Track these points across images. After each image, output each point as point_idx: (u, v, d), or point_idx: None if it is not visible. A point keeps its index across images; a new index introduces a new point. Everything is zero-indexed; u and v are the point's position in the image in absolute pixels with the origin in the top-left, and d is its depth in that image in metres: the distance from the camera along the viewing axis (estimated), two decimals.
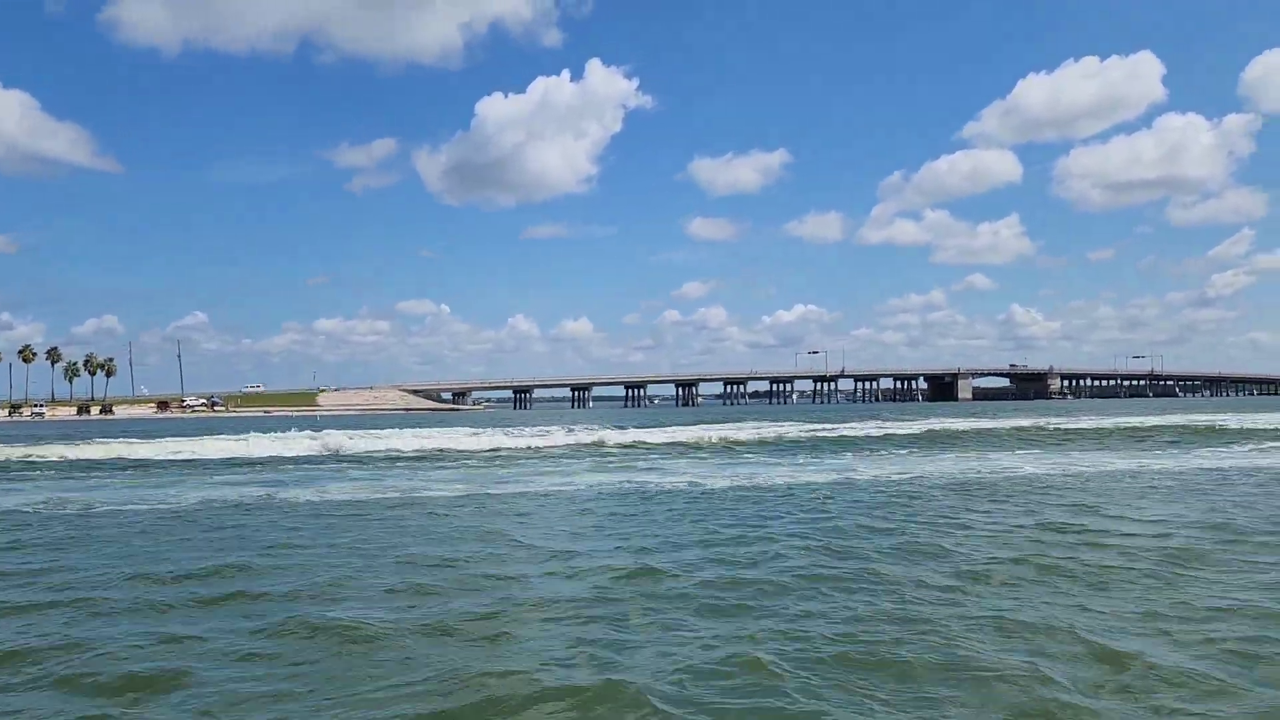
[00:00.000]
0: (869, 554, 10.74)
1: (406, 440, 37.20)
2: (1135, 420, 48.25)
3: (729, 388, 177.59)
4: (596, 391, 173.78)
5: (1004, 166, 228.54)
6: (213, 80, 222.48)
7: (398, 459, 30.51)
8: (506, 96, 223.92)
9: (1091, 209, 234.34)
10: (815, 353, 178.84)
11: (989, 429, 43.41)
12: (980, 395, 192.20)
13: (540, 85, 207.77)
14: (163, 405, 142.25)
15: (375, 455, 32.36)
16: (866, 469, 23.92)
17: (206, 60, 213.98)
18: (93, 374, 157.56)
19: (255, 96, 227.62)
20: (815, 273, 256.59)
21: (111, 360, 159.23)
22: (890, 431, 42.31)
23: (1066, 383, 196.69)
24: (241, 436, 38.43)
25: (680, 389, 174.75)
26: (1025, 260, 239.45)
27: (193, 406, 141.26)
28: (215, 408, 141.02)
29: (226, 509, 16.48)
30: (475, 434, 42.30)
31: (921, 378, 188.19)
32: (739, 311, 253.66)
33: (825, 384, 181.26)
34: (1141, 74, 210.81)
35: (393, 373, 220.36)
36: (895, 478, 21.23)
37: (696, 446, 36.58)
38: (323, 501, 17.61)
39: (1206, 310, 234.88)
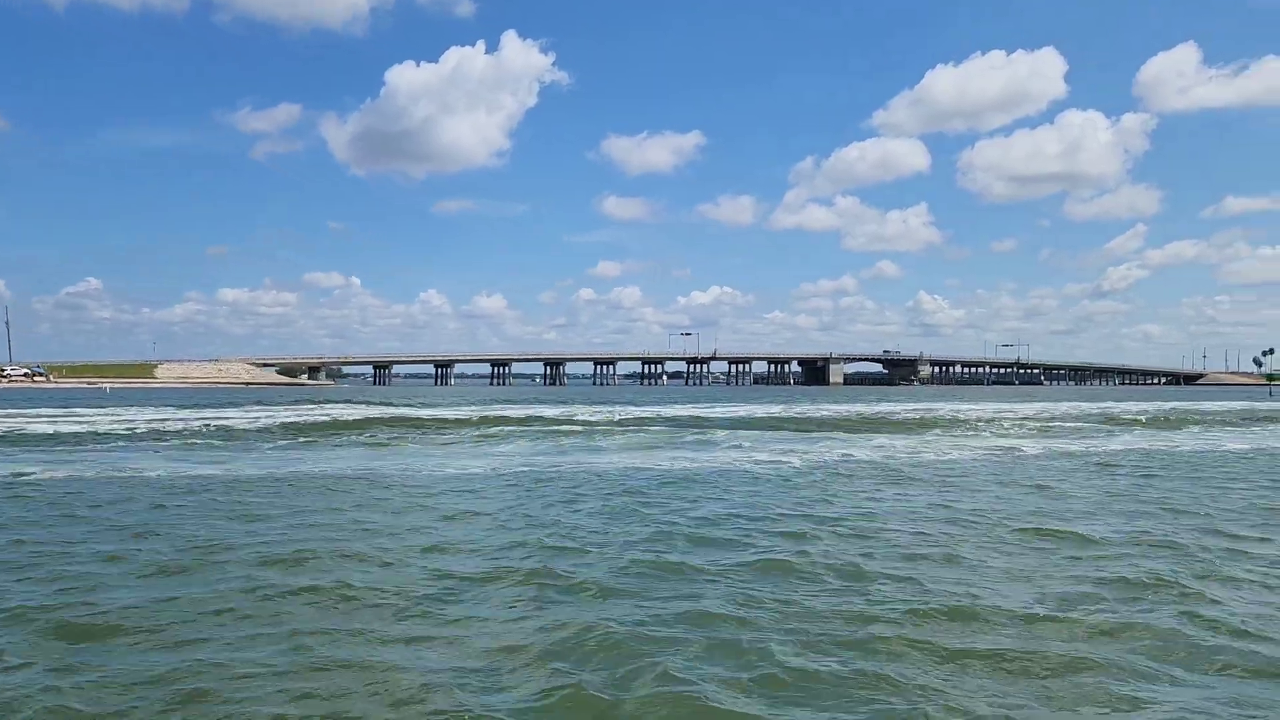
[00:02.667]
0: None
1: None
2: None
3: (599, 368, 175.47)
4: (460, 369, 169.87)
5: (912, 156, 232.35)
6: (104, 37, 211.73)
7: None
8: (419, 65, 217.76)
9: (995, 200, 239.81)
10: (688, 334, 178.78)
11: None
12: (853, 380, 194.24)
13: (454, 55, 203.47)
14: None
15: None
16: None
17: (97, 16, 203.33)
18: None
19: (150, 55, 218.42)
20: (730, 255, 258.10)
21: None
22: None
23: (936, 369, 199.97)
24: None
25: (548, 368, 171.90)
26: (933, 249, 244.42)
27: (11, 376, 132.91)
28: (36, 378, 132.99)
29: None
30: None
31: (795, 362, 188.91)
32: (654, 292, 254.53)
33: (698, 366, 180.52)
34: (1045, 70, 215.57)
35: (298, 346, 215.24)
36: None
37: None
38: None
39: (1102, 302, 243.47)
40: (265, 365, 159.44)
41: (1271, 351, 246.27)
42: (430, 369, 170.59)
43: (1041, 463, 23.15)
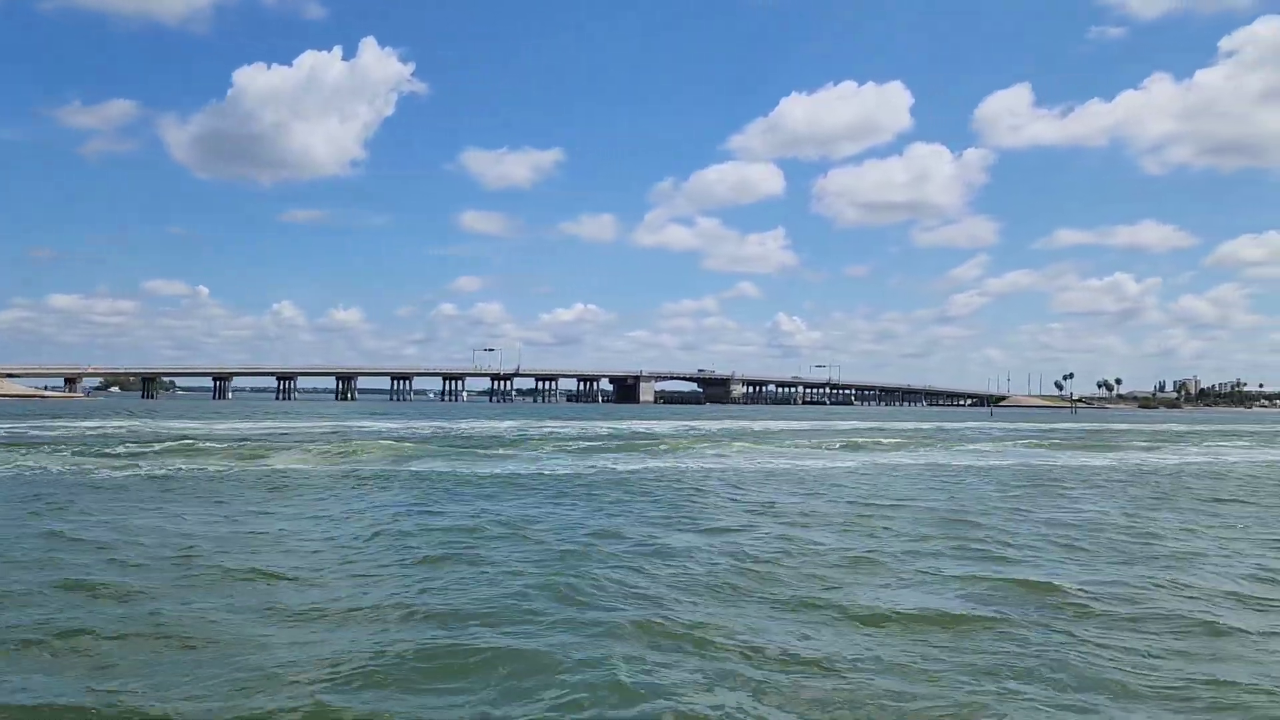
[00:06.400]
0: None
1: None
2: None
3: (396, 383, 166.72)
4: (238, 383, 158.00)
5: (769, 180, 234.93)
6: None
7: None
8: (269, 68, 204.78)
9: (847, 226, 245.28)
10: (490, 350, 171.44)
11: None
12: (666, 398, 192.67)
13: (308, 59, 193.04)
14: None
15: None
16: None
17: None
18: None
19: None
20: (592, 273, 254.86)
21: None
22: None
23: (750, 389, 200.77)
24: None
25: (340, 383, 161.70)
26: (789, 271, 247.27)
27: None
28: None
29: None
30: None
31: (605, 379, 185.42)
32: (516, 308, 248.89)
33: (501, 382, 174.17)
34: (893, 103, 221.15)
35: (134, 356, 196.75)
36: None
37: None
38: None
39: (948, 327, 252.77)
40: (11, 376, 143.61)
41: (1071, 376, 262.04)
42: (209, 381, 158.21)
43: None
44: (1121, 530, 13.79)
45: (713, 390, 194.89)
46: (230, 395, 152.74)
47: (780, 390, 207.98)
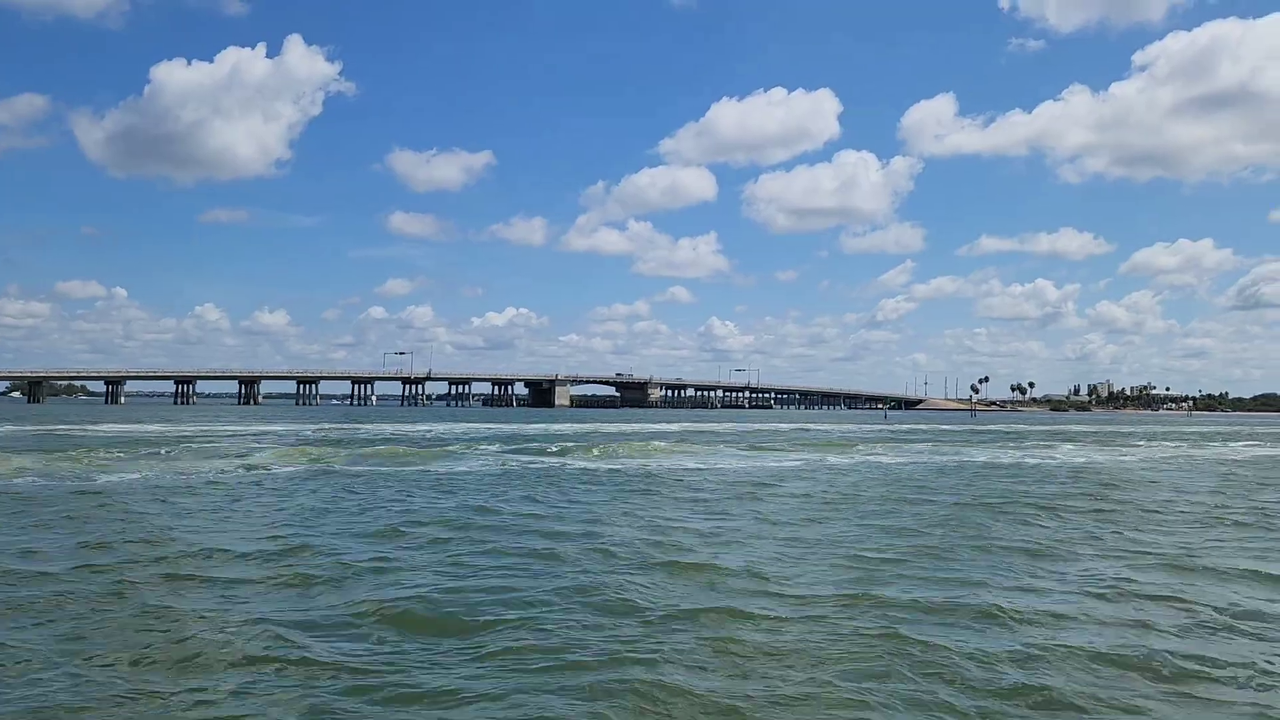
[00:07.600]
0: None
1: None
2: None
3: (302, 388, 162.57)
4: (137, 386, 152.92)
5: (701, 185, 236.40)
6: None
7: None
8: (190, 64, 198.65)
9: (778, 231, 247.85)
10: (404, 353, 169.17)
11: None
12: (582, 402, 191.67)
13: (231, 56, 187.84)
14: None
15: None
16: None
17: None
18: None
19: None
20: (523, 276, 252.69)
21: None
22: None
23: (668, 392, 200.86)
24: None
25: (242, 387, 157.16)
26: (722, 276, 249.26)
27: None
28: None
29: None
30: None
31: (520, 383, 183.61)
32: (447, 312, 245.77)
33: (413, 387, 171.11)
34: (822, 110, 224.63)
35: (53, 360, 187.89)
36: None
37: None
38: None
39: (877, 332, 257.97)
40: None
41: (986, 380, 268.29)
42: (101, 385, 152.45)
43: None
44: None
45: (630, 394, 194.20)
46: (123, 400, 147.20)
47: (699, 394, 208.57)
